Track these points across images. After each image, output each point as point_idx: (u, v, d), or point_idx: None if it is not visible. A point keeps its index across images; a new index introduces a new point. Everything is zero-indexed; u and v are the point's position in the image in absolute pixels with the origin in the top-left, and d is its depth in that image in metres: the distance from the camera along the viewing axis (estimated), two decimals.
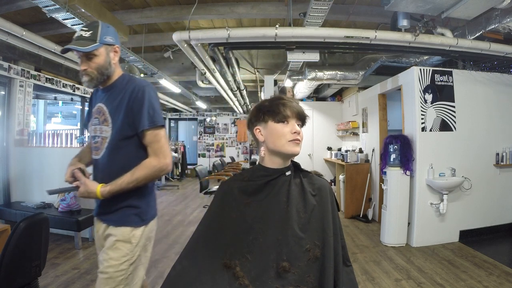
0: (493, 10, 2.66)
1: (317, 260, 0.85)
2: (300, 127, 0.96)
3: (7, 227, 2.12)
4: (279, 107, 0.93)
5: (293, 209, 0.89)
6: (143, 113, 1.19)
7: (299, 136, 0.93)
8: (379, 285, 2.46)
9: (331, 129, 5.98)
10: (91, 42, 1.18)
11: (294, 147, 0.93)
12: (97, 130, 1.26)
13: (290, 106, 0.93)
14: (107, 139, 1.23)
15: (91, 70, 1.20)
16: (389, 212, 3.41)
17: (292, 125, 0.93)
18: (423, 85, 3.41)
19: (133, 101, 1.20)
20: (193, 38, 2.93)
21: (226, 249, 0.87)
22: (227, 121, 10.34)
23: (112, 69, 1.25)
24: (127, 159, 1.22)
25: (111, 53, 1.25)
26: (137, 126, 1.20)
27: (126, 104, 1.21)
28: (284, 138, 0.92)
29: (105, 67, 1.22)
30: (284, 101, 0.94)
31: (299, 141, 0.93)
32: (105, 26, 1.23)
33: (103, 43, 1.21)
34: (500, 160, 3.62)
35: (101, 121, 1.25)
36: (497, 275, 2.55)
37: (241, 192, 0.94)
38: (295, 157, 0.97)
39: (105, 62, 1.22)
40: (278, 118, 0.93)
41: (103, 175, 1.24)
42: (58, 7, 2.40)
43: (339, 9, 3.13)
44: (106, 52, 1.23)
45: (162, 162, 1.21)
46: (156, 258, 3.04)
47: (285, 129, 0.92)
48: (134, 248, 1.23)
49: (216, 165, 6.33)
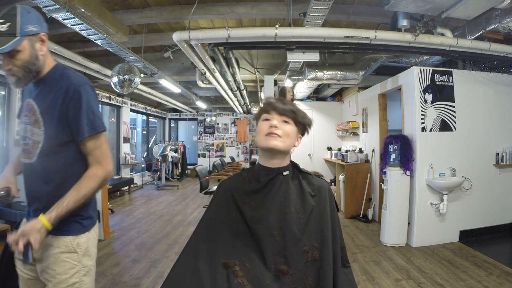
0: (493, 10, 2.66)
1: (315, 262, 0.85)
2: (287, 123, 0.93)
3: (7, 227, 2.12)
4: (263, 107, 0.97)
5: (292, 210, 0.89)
6: (81, 119, 1.03)
7: (275, 129, 0.91)
8: (379, 285, 2.46)
9: (331, 129, 5.98)
10: (9, 37, 0.96)
11: (270, 140, 0.91)
12: (28, 131, 1.08)
13: (270, 104, 0.95)
14: (39, 143, 1.05)
15: (17, 69, 1.01)
16: (389, 212, 3.41)
17: (271, 120, 0.94)
18: (423, 85, 3.41)
19: (68, 104, 1.03)
20: (193, 38, 2.93)
21: (225, 248, 0.87)
22: (227, 121, 10.34)
23: (40, 63, 1.05)
24: (65, 166, 1.07)
25: (36, 44, 1.04)
26: (75, 133, 1.04)
27: (60, 106, 1.03)
28: (262, 133, 0.93)
29: (32, 62, 1.02)
30: (269, 101, 0.97)
31: (275, 134, 0.91)
32: (25, 12, 1.02)
33: (25, 35, 1.00)
34: (500, 160, 3.62)
35: (32, 122, 1.07)
36: (497, 275, 2.55)
37: (240, 191, 0.95)
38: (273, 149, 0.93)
39: (31, 57, 1.01)
40: (261, 117, 0.95)
41: (39, 182, 1.08)
42: (58, 7, 2.39)
43: (339, 9, 3.13)
44: (30, 44, 1.02)
45: (107, 170, 1.09)
46: (156, 258, 3.04)
47: (265, 126, 0.93)
48: (82, 258, 1.09)
49: (216, 165, 6.33)
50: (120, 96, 6.88)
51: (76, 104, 1.03)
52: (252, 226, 0.88)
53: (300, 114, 0.96)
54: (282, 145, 0.91)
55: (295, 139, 0.96)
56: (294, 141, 0.95)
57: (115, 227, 4.07)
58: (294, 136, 0.95)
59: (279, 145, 0.91)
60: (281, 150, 0.92)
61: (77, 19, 2.64)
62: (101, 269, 2.75)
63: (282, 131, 0.92)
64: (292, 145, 0.95)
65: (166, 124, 10.51)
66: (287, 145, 0.93)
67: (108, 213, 3.76)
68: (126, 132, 7.36)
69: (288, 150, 0.95)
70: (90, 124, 1.05)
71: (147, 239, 3.65)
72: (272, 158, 0.95)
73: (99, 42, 3.22)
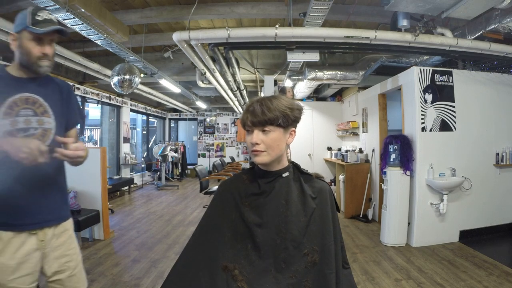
0: (493, 10, 2.66)
1: (315, 265, 0.84)
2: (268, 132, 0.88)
3: None
4: (244, 114, 0.90)
5: (293, 212, 0.88)
6: (75, 109, 1.29)
7: (258, 146, 0.87)
8: (379, 285, 2.46)
9: (331, 129, 5.98)
10: (57, 24, 1.10)
11: (255, 158, 0.89)
12: (33, 122, 1.13)
13: (249, 113, 0.88)
14: (51, 130, 1.17)
15: (51, 57, 1.13)
16: (389, 212, 3.41)
17: (252, 135, 0.89)
18: (423, 85, 3.41)
19: (67, 96, 1.25)
20: (193, 38, 2.93)
21: (225, 251, 0.86)
22: (227, 121, 10.34)
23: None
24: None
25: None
26: (69, 122, 1.26)
27: (62, 100, 1.23)
28: (248, 147, 0.91)
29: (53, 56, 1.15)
30: (249, 106, 0.89)
31: (258, 151, 0.87)
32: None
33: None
34: (500, 160, 3.62)
35: (40, 112, 1.15)
36: (497, 275, 2.55)
37: (240, 193, 0.94)
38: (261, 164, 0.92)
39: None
40: (245, 128, 0.91)
41: (53, 166, 1.16)
42: (58, 7, 2.39)
43: (339, 9, 3.13)
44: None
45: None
46: (156, 258, 3.04)
47: (248, 140, 0.90)
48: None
49: (216, 165, 6.33)
50: (120, 96, 6.88)
51: (73, 97, 1.29)
52: (252, 229, 0.88)
53: (286, 113, 0.87)
54: (268, 158, 0.88)
55: (284, 141, 0.90)
56: (283, 143, 0.90)
57: (115, 227, 4.07)
58: (282, 139, 0.89)
59: (265, 159, 0.88)
60: (269, 162, 0.90)
61: (77, 19, 2.63)
62: (101, 269, 2.75)
63: (265, 145, 0.87)
64: (282, 149, 0.91)
65: (166, 124, 10.51)
66: (275, 154, 0.89)
67: (108, 213, 3.76)
68: (126, 132, 7.36)
69: (278, 157, 0.91)
70: (80, 115, 1.32)
71: (147, 239, 3.65)
72: (267, 165, 0.93)
73: (99, 42, 3.22)
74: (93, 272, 2.69)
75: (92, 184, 3.59)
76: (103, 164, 3.62)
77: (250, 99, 0.99)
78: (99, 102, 6.31)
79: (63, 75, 4.86)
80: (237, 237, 0.88)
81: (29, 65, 1.11)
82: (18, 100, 1.11)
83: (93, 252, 3.17)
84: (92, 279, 2.55)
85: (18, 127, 1.09)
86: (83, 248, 3.28)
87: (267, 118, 0.86)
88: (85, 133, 5.67)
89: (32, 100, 1.14)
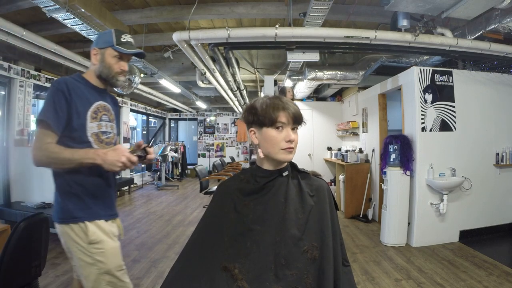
0: (493, 10, 2.66)
1: (315, 261, 0.84)
2: (296, 129, 0.94)
3: (7, 227, 2.12)
4: (275, 113, 0.88)
5: (291, 210, 0.89)
6: (118, 121, 1.49)
7: (292, 144, 0.90)
8: (379, 285, 2.46)
9: (331, 129, 5.98)
10: (135, 46, 1.35)
11: (287, 155, 0.90)
12: (108, 127, 1.35)
13: (286, 112, 0.89)
14: (115, 135, 1.40)
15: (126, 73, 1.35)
16: (389, 212, 3.41)
17: (287, 132, 0.90)
18: (423, 85, 3.41)
19: (117, 108, 1.48)
20: (193, 38, 2.93)
21: (224, 250, 0.87)
22: (227, 121, 10.34)
23: None
24: None
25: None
26: (117, 129, 1.44)
27: (116, 109, 1.46)
28: (277, 146, 0.89)
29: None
30: (280, 105, 0.89)
31: (293, 148, 0.91)
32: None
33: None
34: (500, 160, 3.62)
35: (111, 119, 1.38)
36: (497, 275, 2.55)
37: (239, 193, 0.94)
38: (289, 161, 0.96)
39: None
40: (273, 125, 0.89)
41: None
42: (58, 7, 2.39)
43: (339, 9, 3.13)
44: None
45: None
46: (156, 258, 3.04)
47: (279, 137, 0.89)
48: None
49: (216, 165, 6.33)
50: (120, 96, 6.88)
51: (119, 112, 1.50)
52: (251, 227, 0.88)
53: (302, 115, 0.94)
54: (293, 156, 0.93)
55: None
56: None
57: None
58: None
59: (291, 157, 0.93)
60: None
61: (77, 19, 2.64)
62: None
63: (295, 142, 0.92)
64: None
65: (166, 124, 10.51)
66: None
67: None
68: (126, 132, 7.36)
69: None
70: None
71: (147, 239, 3.65)
72: (276, 164, 0.94)
73: None
74: None
75: None
76: None
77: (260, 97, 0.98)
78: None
79: (63, 75, 4.86)
80: (236, 236, 0.88)
81: (109, 78, 1.29)
82: (99, 106, 1.30)
83: None
84: None
85: (102, 130, 1.30)
86: None
87: (302, 118, 0.93)
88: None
89: (107, 108, 1.35)
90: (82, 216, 1.21)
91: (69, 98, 1.18)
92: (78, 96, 1.21)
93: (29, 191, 3.84)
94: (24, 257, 1.59)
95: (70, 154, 1.11)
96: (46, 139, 1.12)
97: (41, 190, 3.78)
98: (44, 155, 1.11)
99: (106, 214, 1.30)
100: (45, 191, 3.73)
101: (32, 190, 3.83)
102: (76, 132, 1.20)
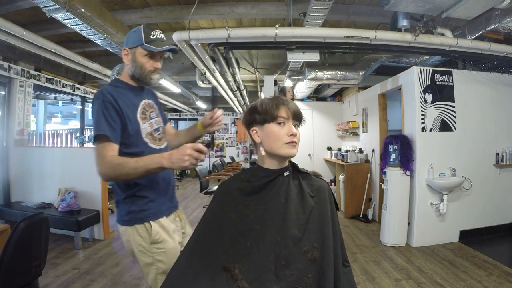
0: (493, 10, 2.66)
1: (315, 262, 0.84)
2: (297, 127, 0.95)
3: (7, 227, 2.12)
4: (276, 109, 0.91)
5: (292, 210, 0.89)
6: (161, 108, 1.46)
7: (295, 138, 0.92)
8: (379, 285, 2.46)
9: (331, 129, 5.97)
10: (166, 42, 1.29)
11: (291, 149, 0.92)
12: (159, 122, 1.35)
13: (286, 107, 0.92)
14: (163, 127, 1.39)
15: (159, 69, 1.32)
16: (389, 212, 3.41)
17: (289, 127, 0.92)
18: (423, 85, 3.41)
19: (157, 99, 1.45)
20: (193, 38, 2.93)
21: (225, 250, 0.86)
22: (227, 121, 10.34)
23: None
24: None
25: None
26: (164, 118, 1.43)
27: (156, 101, 1.43)
28: (280, 141, 0.91)
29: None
30: (280, 101, 0.93)
31: (296, 143, 0.92)
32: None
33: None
34: (500, 160, 3.62)
35: (156, 114, 1.36)
36: (497, 275, 2.55)
37: (240, 193, 0.94)
38: (292, 157, 0.96)
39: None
40: (275, 120, 0.91)
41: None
42: (58, 7, 2.39)
43: (339, 9, 3.13)
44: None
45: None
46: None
47: (282, 132, 0.91)
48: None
49: (216, 165, 6.33)
50: None
51: (158, 102, 1.45)
52: (252, 227, 0.88)
53: (302, 113, 0.96)
54: (296, 152, 0.93)
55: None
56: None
57: (115, 227, 4.06)
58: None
59: (295, 152, 0.93)
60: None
61: (77, 19, 2.64)
62: (101, 269, 2.76)
63: (297, 138, 0.93)
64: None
65: None
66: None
67: (108, 213, 3.76)
68: None
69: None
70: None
71: None
72: (279, 161, 0.95)
73: (99, 42, 3.22)
74: (93, 272, 2.69)
75: (92, 184, 3.59)
76: None
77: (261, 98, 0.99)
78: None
79: (63, 75, 4.86)
80: (237, 236, 0.88)
81: (142, 77, 1.26)
82: (144, 105, 1.30)
83: (93, 252, 3.17)
84: (92, 279, 2.55)
85: (154, 127, 1.30)
86: (83, 248, 3.28)
87: (302, 115, 0.95)
88: (85, 133, 5.68)
89: (151, 104, 1.35)
90: (146, 216, 1.22)
91: (118, 107, 1.16)
92: (125, 103, 1.20)
93: (29, 191, 3.84)
94: (24, 257, 1.59)
95: (134, 163, 1.08)
96: (108, 153, 1.10)
97: (41, 190, 3.78)
98: (110, 168, 1.09)
99: (167, 208, 1.31)
100: (45, 191, 3.74)
101: (32, 190, 3.83)
102: (132, 138, 1.20)
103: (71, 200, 3.42)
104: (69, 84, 5.02)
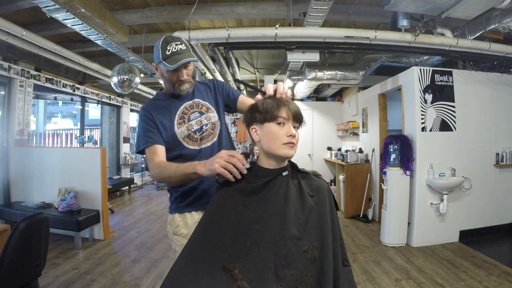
0: (493, 10, 2.66)
1: (315, 262, 0.84)
2: (297, 128, 0.95)
3: (7, 227, 2.12)
4: (276, 109, 0.92)
5: (291, 210, 0.89)
6: (229, 89, 1.47)
7: (294, 139, 0.92)
8: (379, 285, 2.46)
9: (331, 129, 5.98)
10: (191, 53, 1.29)
11: (288, 150, 0.92)
12: (203, 120, 1.36)
13: (287, 108, 0.92)
14: (217, 122, 1.38)
15: (189, 78, 1.32)
16: (389, 212, 3.41)
17: (288, 127, 0.92)
18: (423, 85, 3.41)
19: (214, 87, 1.45)
20: (193, 38, 2.93)
21: (224, 250, 0.86)
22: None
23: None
24: (229, 137, 1.45)
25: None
26: (233, 95, 1.44)
27: (212, 92, 1.44)
28: (278, 141, 0.91)
29: (194, 72, 1.37)
30: (282, 102, 0.93)
31: (294, 144, 0.92)
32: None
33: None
34: (500, 160, 3.62)
35: (205, 110, 1.37)
36: (497, 275, 2.55)
37: (239, 192, 0.94)
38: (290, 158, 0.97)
39: (193, 69, 1.37)
40: (274, 120, 0.92)
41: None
42: (58, 7, 2.39)
43: (339, 9, 3.13)
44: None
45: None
46: (156, 258, 3.04)
47: (281, 132, 0.91)
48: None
49: None
50: (120, 96, 6.88)
51: (222, 85, 1.46)
52: (251, 227, 0.88)
53: (302, 115, 0.96)
54: (294, 153, 0.94)
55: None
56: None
57: (115, 227, 4.07)
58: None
59: (293, 153, 0.93)
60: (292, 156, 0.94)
61: (77, 19, 2.64)
62: (101, 269, 2.76)
63: (296, 139, 0.93)
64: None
65: None
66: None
67: (108, 213, 3.76)
68: (126, 132, 7.36)
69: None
70: (236, 91, 1.47)
71: (147, 239, 3.65)
72: (277, 161, 0.95)
73: (99, 42, 3.22)
74: (93, 272, 2.69)
75: (92, 184, 3.59)
76: (103, 164, 3.62)
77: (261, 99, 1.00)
78: (99, 102, 6.31)
79: (63, 75, 4.86)
80: (236, 236, 0.88)
81: (173, 90, 1.32)
82: (184, 109, 1.34)
83: (93, 252, 3.17)
84: (92, 279, 2.55)
85: (193, 129, 1.33)
86: (83, 248, 3.28)
87: (302, 117, 0.95)
88: (85, 133, 5.68)
89: (196, 103, 1.37)
90: (175, 208, 1.36)
91: (153, 118, 1.28)
92: (158, 112, 1.30)
93: (29, 191, 3.84)
94: (24, 257, 1.59)
95: (175, 167, 1.14)
96: (155, 158, 1.22)
97: (41, 190, 3.78)
98: (156, 172, 1.20)
99: (198, 205, 1.35)
100: (45, 191, 3.74)
101: (32, 190, 3.83)
102: (168, 143, 1.29)
103: (71, 200, 3.42)
104: (69, 84, 5.02)
